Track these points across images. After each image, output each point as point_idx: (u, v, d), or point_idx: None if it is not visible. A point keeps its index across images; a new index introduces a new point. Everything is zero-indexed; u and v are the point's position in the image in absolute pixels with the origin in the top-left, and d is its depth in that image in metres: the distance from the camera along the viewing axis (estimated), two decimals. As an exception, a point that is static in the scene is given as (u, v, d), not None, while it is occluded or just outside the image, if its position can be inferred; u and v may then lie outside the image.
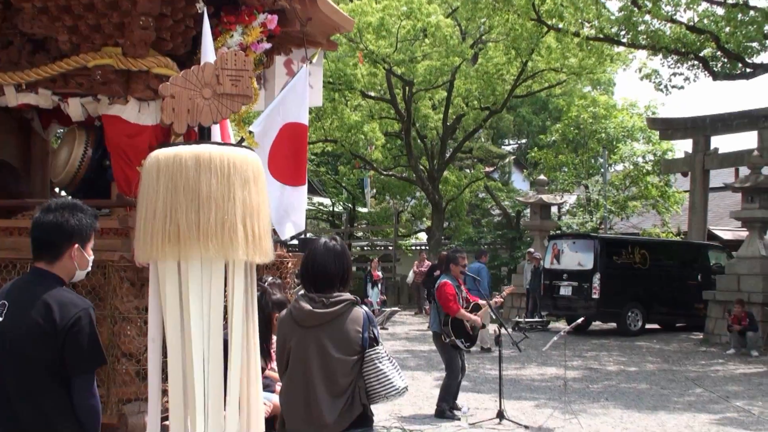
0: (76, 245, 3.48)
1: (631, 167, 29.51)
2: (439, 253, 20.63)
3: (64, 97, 5.57)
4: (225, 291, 3.31)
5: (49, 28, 5.36)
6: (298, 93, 6.43)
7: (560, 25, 19.30)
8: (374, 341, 4.12)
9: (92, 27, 5.27)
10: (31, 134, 6.77)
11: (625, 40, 19.44)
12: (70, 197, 5.75)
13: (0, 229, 5.35)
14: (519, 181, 37.44)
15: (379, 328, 4.52)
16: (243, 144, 4.01)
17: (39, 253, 3.52)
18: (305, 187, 6.56)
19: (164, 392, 3.52)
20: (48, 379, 3.35)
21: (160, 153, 3.22)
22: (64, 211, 3.50)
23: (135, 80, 5.39)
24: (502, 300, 10.32)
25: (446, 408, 9.64)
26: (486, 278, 16.59)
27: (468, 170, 33.86)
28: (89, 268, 3.63)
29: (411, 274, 25.18)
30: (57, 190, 6.72)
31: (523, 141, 41.46)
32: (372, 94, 27.69)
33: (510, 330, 11.75)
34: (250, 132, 6.17)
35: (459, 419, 9.45)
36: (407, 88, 26.33)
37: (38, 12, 5.29)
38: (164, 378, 3.48)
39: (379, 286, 22.17)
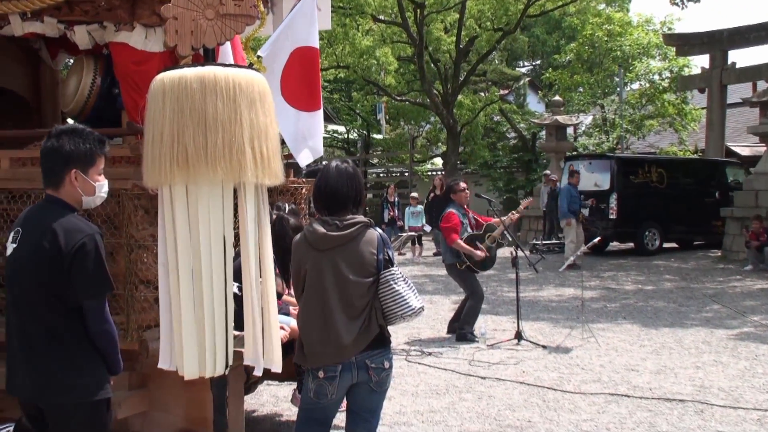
0: (74, 170, 3.48)
1: (648, 85, 29.09)
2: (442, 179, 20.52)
3: (70, 24, 5.47)
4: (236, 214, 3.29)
5: (51, -46, 5.25)
6: (306, 15, 6.29)
7: (574, -60, 18.83)
8: (389, 263, 4.13)
9: (94, -49, 5.16)
10: (39, 65, 6.71)
11: (640, -46, 18.94)
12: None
13: (13, 160, 5.34)
14: (534, 102, 37.05)
15: (395, 252, 4.52)
16: (252, 68, 3.94)
17: (45, 180, 3.56)
18: (321, 112, 6.46)
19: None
20: (58, 303, 3.39)
21: (165, 76, 3.18)
22: (62, 137, 3.50)
23: (141, 6, 5.27)
24: (517, 216, 10.24)
25: (468, 331, 9.69)
26: (565, 198, 16.80)
27: (482, 93, 33.51)
28: (102, 194, 3.63)
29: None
30: (69, 120, 6.69)
31: (538, 62, 40.88)
32: (383, 18, 27.26)
33: (527, 252, 11.76)
34: (259, 57, 6.08)
35: (478, 341, 9.53)
36: (419, 10, 25.87)
37: (39, -62, 5.18)
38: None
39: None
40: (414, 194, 21.14)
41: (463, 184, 9.94)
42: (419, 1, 25.31)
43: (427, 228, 19.98)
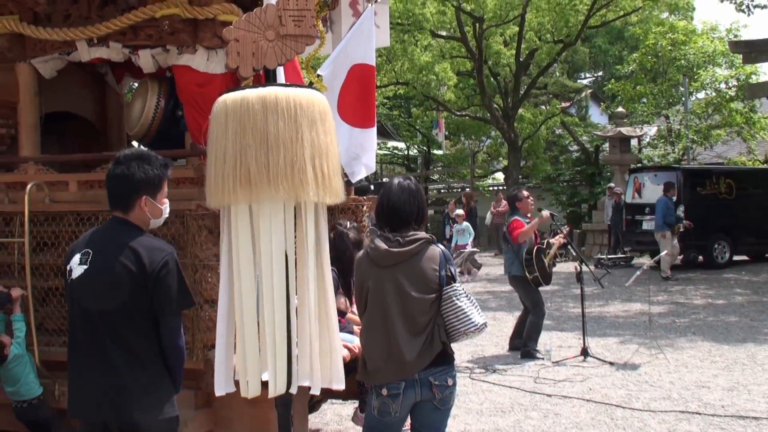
0: (145, 196, 3.57)
1: (714, 94, 28.46)
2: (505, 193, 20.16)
3: (134, 49, 5.61)
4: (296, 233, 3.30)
5: (116, -19, 5.40)
6: (364, 34, 6.34)
7: (634, -50, 18.59)
8: (451, 279, 4.11)
9: (157, -24, 5.28)
10: (105, 89, 6.88)
11: (703, -39, 18.63)
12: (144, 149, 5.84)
13: (81, 182, 5.47)
14: (596, 115, 36.62)
15: (457, 268, 4.50)
16: (313, 88, 3.97)
17: (113, 204, 3.63)
18: (374, 129, 6.50)
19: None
20: (137, 321, 3.46)
21: (228, 97, 3.21)
22: (131, 164, 3.58)
23: (202, 29, 5.39)
24: (561, 241, 10.08)
25: (532, 348, 9.55)
26: (661, 211, 16.56)
27: (543, 107, 33.23)
28: (166, 215, 3.71)
29: (489, 215, 24.99)
30: (134, 143, 6.83)
31: (600, 73, 40.47)
32: (442, 33, 27.25)
33: (592, 267, 11.58)
34: (319, 76, 6.13)
35: (543, 358, 9.39)
36: (477, 24, 25.80)
37: (101, -35, 5.33)
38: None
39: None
40: (459, 211, 20.78)
41: (525, 192, 9.87)
42: (478, 15, 25.24)
43: (469, 246, 19.50)
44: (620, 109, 26.28)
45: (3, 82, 5.88)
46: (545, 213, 9.71)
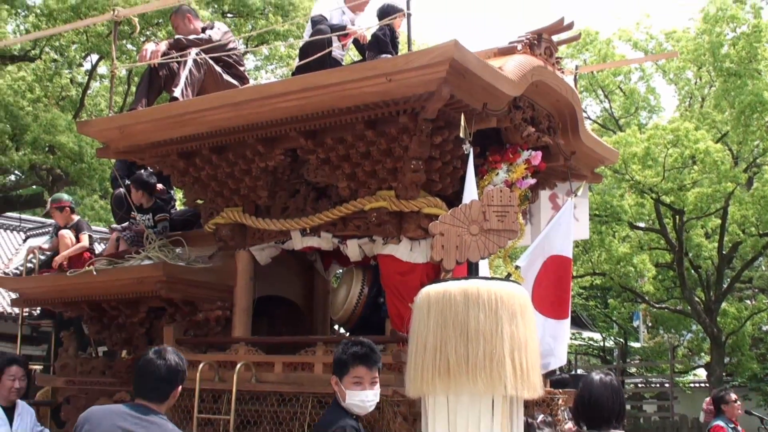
0: (335, 378, 3.93)
1: None
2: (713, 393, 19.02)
3: (343, 239, 5.96)
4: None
5: (331, 177, 5.83)
6: (562, 226, 6.43)
7: None
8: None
9: (368, 173, 5.66)
10: (313, 275, 7.29)
11: None
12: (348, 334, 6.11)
13: (286, 364, 5.72)
14: (810, 313, 34.22)
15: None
16: (510, 279, 4.07)
17: None
18: (568, 321, 6.44)
19: None
20: None
21: (431, 289, 3.34)
22: (338, 345, 4.08)
23: (407, 220, 5.65)
24: None
25: None
26: None
27: (749, 301, 31.50)
28: (355, 402, 3.87)
29: (702, 414, 23.73)
30: (336, 327, 7.12)
31: (812, 268, 38.10)
32: (641, 225, 26.90)
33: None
34: (517, 267, 6.23)
35: None
36: (677, 217, 25.29)
37: (321, 162, 5.79)
38: None
39: None
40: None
41: (734, 396, 9.34)
42: (678, 208, 24.79)
43: None
44: (836, 306, 24.49)
45: (223, 267, 6.40)
46: None
